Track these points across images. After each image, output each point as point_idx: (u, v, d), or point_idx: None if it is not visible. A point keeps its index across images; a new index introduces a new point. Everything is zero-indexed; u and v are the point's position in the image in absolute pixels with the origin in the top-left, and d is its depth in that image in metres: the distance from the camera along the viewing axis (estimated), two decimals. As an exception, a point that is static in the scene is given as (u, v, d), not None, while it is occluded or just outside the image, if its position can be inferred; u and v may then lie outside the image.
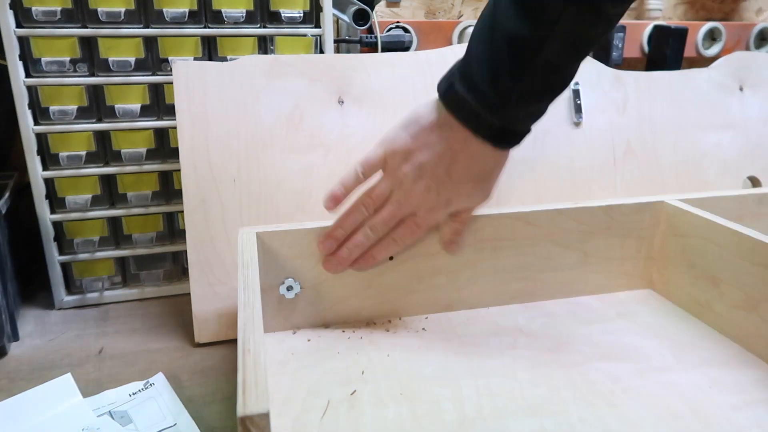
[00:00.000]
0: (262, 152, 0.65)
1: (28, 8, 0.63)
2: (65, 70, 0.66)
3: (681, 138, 0.80)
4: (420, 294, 0.63)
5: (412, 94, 0.70)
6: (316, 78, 0.67)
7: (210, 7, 0.68)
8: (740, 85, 0.84)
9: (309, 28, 0.72)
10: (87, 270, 0.72)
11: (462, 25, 0.96)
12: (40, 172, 0.67)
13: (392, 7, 1.01)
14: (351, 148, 0.68)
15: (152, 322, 0.68)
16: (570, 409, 0.49)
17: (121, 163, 0.70)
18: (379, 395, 0.50)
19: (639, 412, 0.48)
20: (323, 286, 0.60)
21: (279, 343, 0.58)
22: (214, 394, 0.55)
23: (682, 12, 1.19)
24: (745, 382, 0.52)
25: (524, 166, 0.73)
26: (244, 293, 0.44)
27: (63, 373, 0.57)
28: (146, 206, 0.72)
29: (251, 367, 0.35)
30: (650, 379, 0.52)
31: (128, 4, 0.66)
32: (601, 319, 0.63)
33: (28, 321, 0.69)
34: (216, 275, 0.63)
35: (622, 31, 0.98)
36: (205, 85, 0.64)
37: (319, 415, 0.48)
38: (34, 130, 0.66)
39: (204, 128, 0.63)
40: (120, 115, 0.68)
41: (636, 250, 0.68)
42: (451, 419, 0.47)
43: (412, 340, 0.59)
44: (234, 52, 0.70)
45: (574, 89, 0.75)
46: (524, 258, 0.64)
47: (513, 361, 0.55)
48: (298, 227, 0.58)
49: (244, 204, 0.64)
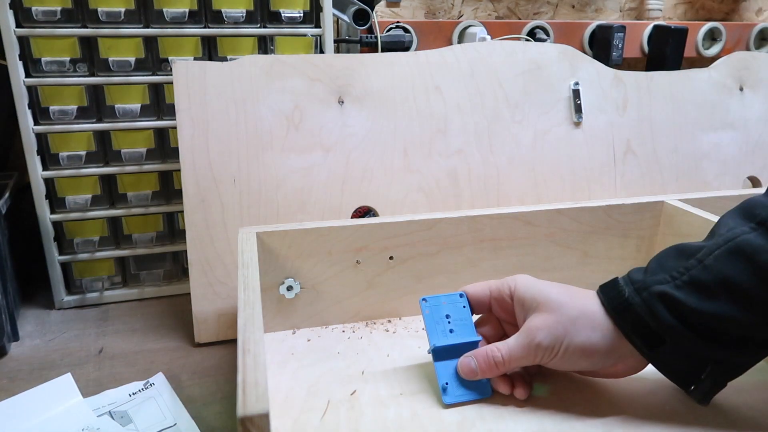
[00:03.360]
0: (262, 152, 0.65)
1: (28, 8, 0.63)
2: (65, 70, 0.66)
3: (681, 138, 0.80)
4: (420, 294, 0.63)
5: (412, 94, 0.70)
6: (316, 78, 0.67)
7: (210, 7, 0.68)
8: (740, 85, 0.84)
9: (309, 28, 0.72)
10: (87, 270, 0.72)
11: (462, 25, 0.96)
12: (40, 172, 0.67)
13: (392, 7, 1.01)
14: (351, 148, 0.68)
15: (152, 322, 0.68)
16: (570, 409, 0.49)
17: (121, 163, 0.70)
18: (379, 395, 0.50)
19: (639, 412, 0.48)
20: (323, 286, 0.60)
21: (279, 343, 0.58)
22: (214, 394, 0.55)
23: (682, 12, 1.19)
24: (745, 382, 0.52)
25: (524, 166, 0.73)
26: (244, 293, 0.44)
27: (63, 373, 0.57)
28: (146, 206, 0.72)
29: (251, 367, 0.35)
30: (650, 379, 0.52)
31: (128, 4, 0.66)
32: (601, 319, 0.63)
33: (28, 321, 0.69)
34: (216, 275, 0.63)
35: (622, 31, 0.98)
36: (205, 85, 0.64)
37: (319, 415, 0.48)
38: (34, 130, 0.66)
39: (204, 128, 0.63)
40: (120, 115, 0.68)
41: (636, 250, 0.67)
42: (451, 419, 0.47)
43: (412, 340, 0.59)
44: (234, 52, 0.70)
45: (574, 89, 0.75)
46: (524, 258, 0.64)
47: (513, 361, 0.55)
48: (298, 227, 0.58)
49: (244, 204, 0.64)
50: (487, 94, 0.72)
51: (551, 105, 0.74)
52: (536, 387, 0.51)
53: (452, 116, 0.71)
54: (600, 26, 1.01)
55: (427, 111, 0.70)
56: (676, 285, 0.43)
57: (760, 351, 0.44)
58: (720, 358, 0.44)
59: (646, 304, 0.43)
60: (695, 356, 0.44)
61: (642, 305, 0.43)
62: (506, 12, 1.07)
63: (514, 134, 0.73)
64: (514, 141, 0.73)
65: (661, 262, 0.45)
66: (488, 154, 0.72)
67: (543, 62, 0.74)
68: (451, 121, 0.71)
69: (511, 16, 1.08)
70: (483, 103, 0.72)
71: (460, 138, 0.71)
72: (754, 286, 0.41)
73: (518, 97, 0.73)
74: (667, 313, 0.43)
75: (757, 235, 0.42)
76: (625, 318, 0.44)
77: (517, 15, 1.08)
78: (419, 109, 0.70)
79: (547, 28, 1.01)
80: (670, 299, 0.43)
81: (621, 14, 1.14)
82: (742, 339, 0.43)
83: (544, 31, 1.01)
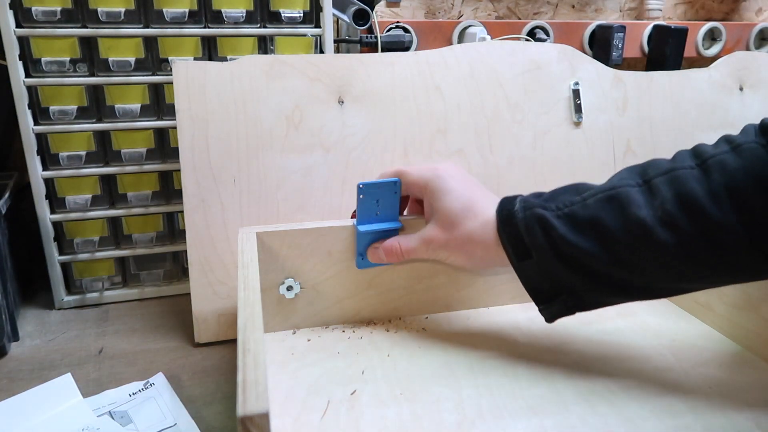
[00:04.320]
0: (262, 152, 0.65)
1: (28, 8, 0.63)
2: (65, 70, 0.66)
3: (681, 138, 0.80)
4: (420, 294, 0.63)
5: (412, 94, 0.70)
6: (316, 78, 0.67)
7: (210, 7, 0.68)
8: (740, 85, 0.84)
9: (309, 28, 0.72)
10: (87, 270, 0.72)
11: (462, 25, 0.96)
12: (40, 172, 0.67)
13: (392, 7, 1.01)
14: (351, 148, 0.68)
15: (152, 322, 0.68)
16: (570, 409, 0.49)
17: (121, 163, 0.70)
18: (379, 395, 0.50)
19: (639, 412, 0.48)
20: (323, 286, 0.60)
21: (279, 343, 0.58)
22: (214, 394, 0.55)
23: (682, 12, 1.19)
24: (745, 382, 0.52)
25: (524, 166, 0.73)
26: (244, 293, 0.44)
27: (63, 373, 0.57)
28: (146, 206, 0.72)
29: (251, 367, 0.35)
30: (650, 379, 0.52)
31: (128, 4, 0.66)
32: (601, 319, 0.63)
33: (28, 321, 0.69)
34: (216, 275, 0.63)
35: (622, 31, 0.98)
36: (205, 85, 0.64)
37: (319, 415, 0.48)
38: (34, 130, 0.66)
39: (204, 128, 0.63)
40: (120, 115, 0.68)
41: (636, 250, 0.67)
42: (451, 419, 0.47)
43: (412, 340, 0.59)
44: (234, 52, 0.70)
45: (574, 89, 0.75)
46: (524, 258, 0.64)
47: (513, 361, 0.55)
48: (298, 227, 0.58)
49: (244, 204, 0.64)
50: (487, 94, 0.72)
51: (551, 105, 0.74)
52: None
53: (452, 116, 0.71)
54: (600, 26, 1.01)
55: (427, 111, 0.70)
56: (556, 215, 0.48)
57: (612, 295, 0.49)
58: (575, 287, 0.49)
59: (526, 222, 0.48)
60: (554, 279, 0.49)
61: (523, 221, 0.49)
62: (506, 12, 1.07)
63: (514, 134, 0.73)
64: (514, 141, 0.73)
65: (556, 193, 0.50)
66: (488, 154, 0.72)
67: (543, 62, 0.74)
68: (451, 121, 0.71)
69: (511, 16, 1.08)
70: (483, 103, 0.72)
71: (460, 138, 0.71)
72: (618, 230, 0.45)
73: (518, 97, 0.73)
74: (540, 234, 0.48)
75: (638, 191, 0.46)
76: (506, 227, 0.50)
77: (517, 15, 1.08)
78: (419, 109, 0.70)
79: (547, 28, 1.01)
80: (546, 224, 0.47)
81: (621, 14, 1.14)
82: (597, 275, 0.47)
83: (544, 31, 1.01)
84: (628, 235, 0.45)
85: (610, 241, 0.46)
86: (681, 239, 0.44)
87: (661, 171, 0.46)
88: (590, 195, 0.47)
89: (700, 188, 0.43)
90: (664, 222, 0.44)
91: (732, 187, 0.42)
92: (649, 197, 0.45)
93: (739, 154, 0.43)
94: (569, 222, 0.47)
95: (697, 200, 0.43)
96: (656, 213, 0.44)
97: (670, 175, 0.45)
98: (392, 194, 0.57)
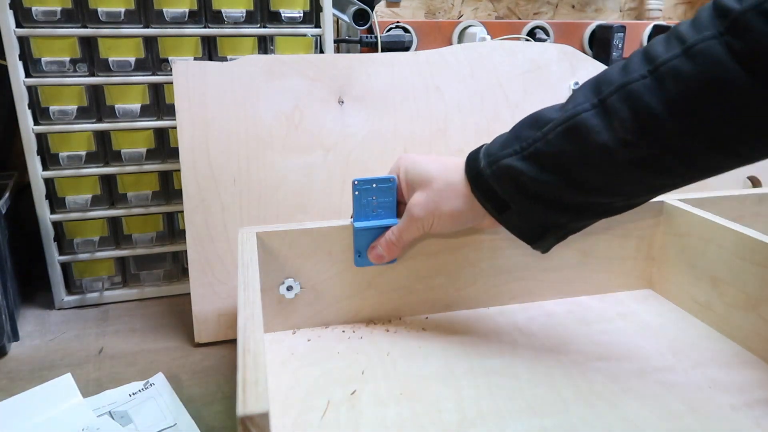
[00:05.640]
0: (262, 152, 0.65)
1: (28, 8, 0.63)
2: (65, 70, 0.66)
3: (681, 138, 0.80)
4: (420, 294, 0.63)
5: (412, 94, 0.70)
6: (316, 78, 0.67)
7: (210, 7, 0.68)
8: (740, 85, 0.84)
9: (309, 28, 0.72)
10: (87, 270, 0.72)
11: (462, 25, 0.96)
12: (40, 172, 0.67)
13: (392, 7, 1.01)
14: (351, 148, 0.68)
15: (152, 322, 0.68)
16: (570, 409, 0.49)
17: (121, 163, 0.70)
18: (379, 395, 0.50)
19: (639, 412, 0.48)
20: (323, 286, 0.60)
21: (279, 343, 0.58)
22: (214, 394, 0.55)
23: (682, 12, 1.19)
24: (745, 382, 0.52)
25: (524, 166, 0.73)
26: (244, 293, 0.44)
27: (63, 373, 0.57)
28: (146, 206, 0.72)
29: (251, 367, 0.35)
30: (650, 379, 0.52)
31: (128, 4, 0.66)
32: (601, 319, 0.63)
33: (28, 321, 0.69)
34: (216, 275, 0.63)
35: (622, 31, 0.98)
36: (205, 85, 0.64)
37: (319, 415, 0.48)
38: (34, 130, 0.66)
39: (204, 128, 0.63)
40: (120, 115, 0.68)
41: (636, 250, 0.67)
42: (451, 419, 0.47)
43: (412, 340, 0.59)
44: (234, 52, 0.70)
45: (574, 89, 0.75)
46: (524, 258, 0.64)
47: (513, 361, 0.55)
48: (298, 227, 0.58)
49: (244, 204, 0.64)
50: (487, 94, 0.72)
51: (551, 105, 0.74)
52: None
53: (452, 116, 0.71)
54: (600, 26, 1.01)
55: (427, 111, 0.70)
56: (522, 156, 0.47)
57: (596, 216, 0.50)
58: (559, 221, 0.49)
59: (495, 176, 0.48)
60: (537, 220, 0.49)
61: (491, 176, 0.49)
62: (506, 12, 1.07)
63: (514, 134, 0.73)
64: (514, 141, 0.73)
65: (518, 130, 0.49)
66: (488, 154, 0.72)
67: (543, 62, 0.74)
68: (451, 121, 0.71)
69: (511, 16, 1.08)
70: (483, 103, 0.72)
71: (460, 138, 0.71)
72: (583, 160, 0.45)
73: (518, 97, 0.73)
74: (510, 184, 0.48)
75: (593, 114, 0.44)
76: (478, 186, 0.50)
77: (517, 15, 1.08)
78: (419, 109, 0.70)
79: (547, 28, 1.01)
80: (514, 171, 0.47)
81: (621, 14, 1.14)
82: (575, 205, 0.48)
83: (544, 31, 1.01)
84: (594, 163, 0.45)
85: (578, 172, 0.46)
86: (645, 157, 0.43)
87: (614, 87, 0.44)
88: (551, 129, 0.47)
89: (656, 101, 0.42)
90: (626, 142, 0.43)
91: (688, 96, 0.41)
92: (606, 119, 0.44)
93: (692, 58, 0.41)
94: (535, 162, 0.47)
95: (656, 116, 0.42)
96: (617, 135, 0.43)
97: (624, 90, 0.43)
98: (388, 191, 0.57)
